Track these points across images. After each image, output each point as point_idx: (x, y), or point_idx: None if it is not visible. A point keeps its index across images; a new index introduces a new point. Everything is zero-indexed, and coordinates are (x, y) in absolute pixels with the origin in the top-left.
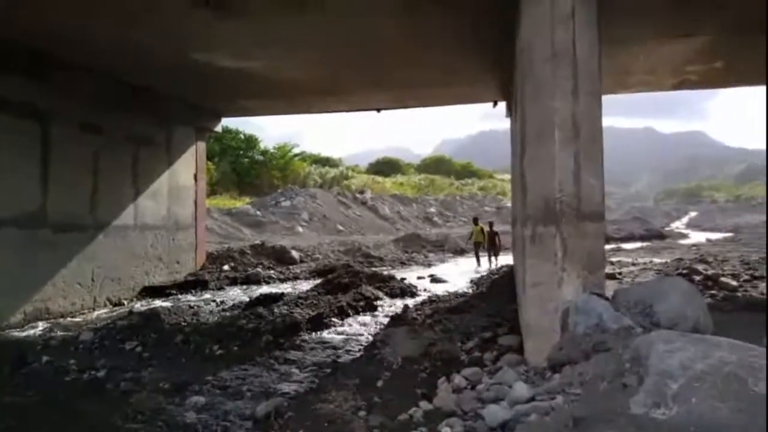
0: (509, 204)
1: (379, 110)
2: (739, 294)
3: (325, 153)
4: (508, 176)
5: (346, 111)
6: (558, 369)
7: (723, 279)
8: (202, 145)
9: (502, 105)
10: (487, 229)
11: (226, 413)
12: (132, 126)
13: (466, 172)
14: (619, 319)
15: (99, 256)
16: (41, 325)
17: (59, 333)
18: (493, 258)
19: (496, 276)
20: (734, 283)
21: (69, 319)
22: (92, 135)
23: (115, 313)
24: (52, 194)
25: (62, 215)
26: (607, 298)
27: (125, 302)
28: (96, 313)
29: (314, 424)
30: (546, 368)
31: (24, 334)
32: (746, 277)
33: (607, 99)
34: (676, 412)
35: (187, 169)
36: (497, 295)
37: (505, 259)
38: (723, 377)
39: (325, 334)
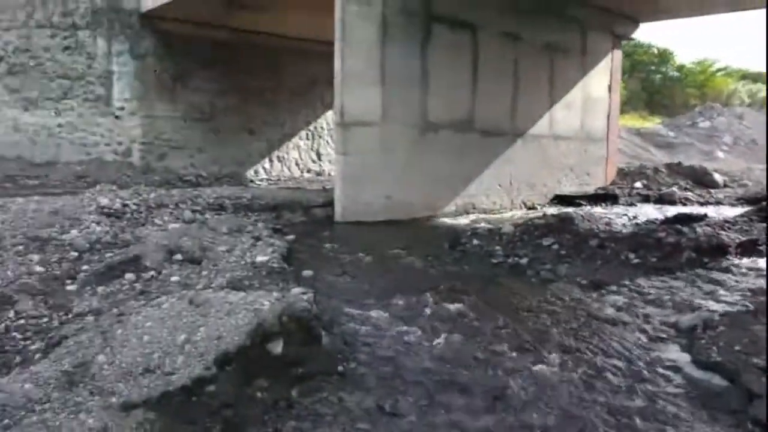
0: None
1: None
2: None
3: (755, 68)
4: None
5: None
6: None
7: None
8: (617, 54)
9: None
10: None
11: (646, 317)
12: (548, 34)
13: None
14: None
15: (516, 161)
16: (469, 217)
17: (484, 225)
18: None
19: None
20: None
21: (490, 215)
22: (512, 44)
23: (529, 215)
24: (480, 102)
25: (487, 121)
26: None
27: (538, 207)
28: (512, 213)
29: (753, 345)
30: None
31: (455, 222)
32: None
33: None
34: None
35: (600, 79)
36: None
37: None
38: None
39: (762, 263)
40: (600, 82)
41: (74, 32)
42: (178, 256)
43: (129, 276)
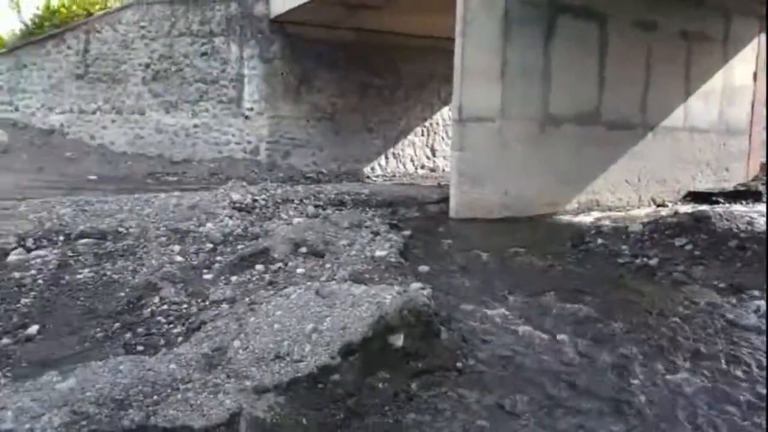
0: None
1: None
2: None
3: None
4: None
5: None
6: None
7: None
8: (765, 39)
9: None
10: None
11: None
12: (686, 20)
13: None
14: None
15: (646, 156)
16: (592, 215)
17: (609, 223)
18: None
19: None
20: None
21: (615, 212)
22: (645, 33)
23: (660, 213)
24: (607, 94)
25: (615, 114)
26: None
27: (668, 204)
28: (640, 210)
29: None
30: None
31: (577, 219)
32: None
33: None
34: None
35: (744, 67)
36: None
37: None
38: None
39: None
40: (744, 70)
41: (211, 39)
42: (303, 249)
43: (259, 267)
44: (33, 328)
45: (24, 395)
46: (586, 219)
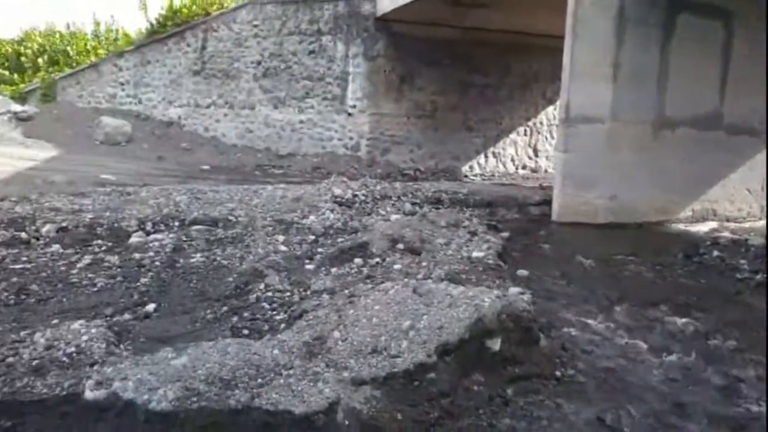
0: None
1: None
2: None
3: None
4: None
5: None
6: None
7: None
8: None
9: None
10: None
11: None
12: None
13: None
14: None
15: None
16: (707, 225)
17: (726, 234)
18: None
19: None
20: None
21: (734, 223)
22: None
23: None
24: (729, 96)
25: (738, 118)
26: None
27: None
28: (762, 222)
29: None
30: None
31: (691, 229)
32: None
33: None
34: None
35: None
36: None
37: None
38: None
39: None
40: None
41: (318, 37)
42: (400, 246)
43: (357, 261)
44: (150, 306)
45: (143, 368)
46: (701, 229)
